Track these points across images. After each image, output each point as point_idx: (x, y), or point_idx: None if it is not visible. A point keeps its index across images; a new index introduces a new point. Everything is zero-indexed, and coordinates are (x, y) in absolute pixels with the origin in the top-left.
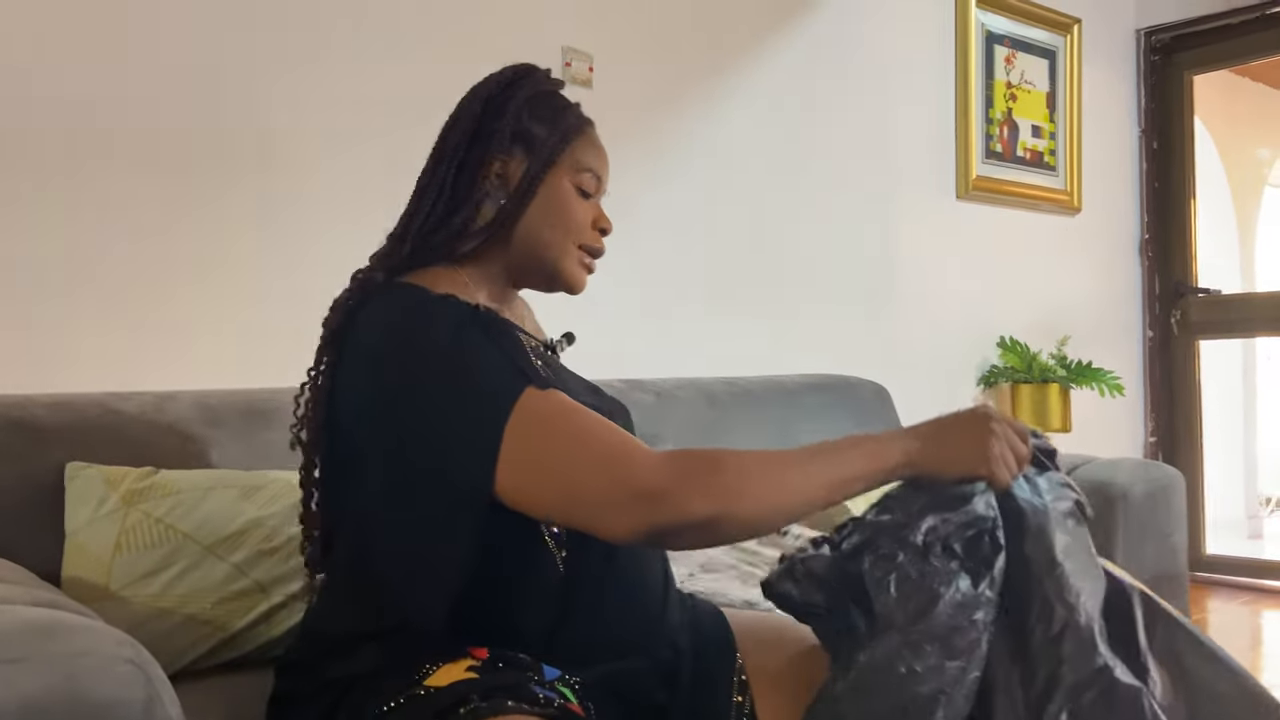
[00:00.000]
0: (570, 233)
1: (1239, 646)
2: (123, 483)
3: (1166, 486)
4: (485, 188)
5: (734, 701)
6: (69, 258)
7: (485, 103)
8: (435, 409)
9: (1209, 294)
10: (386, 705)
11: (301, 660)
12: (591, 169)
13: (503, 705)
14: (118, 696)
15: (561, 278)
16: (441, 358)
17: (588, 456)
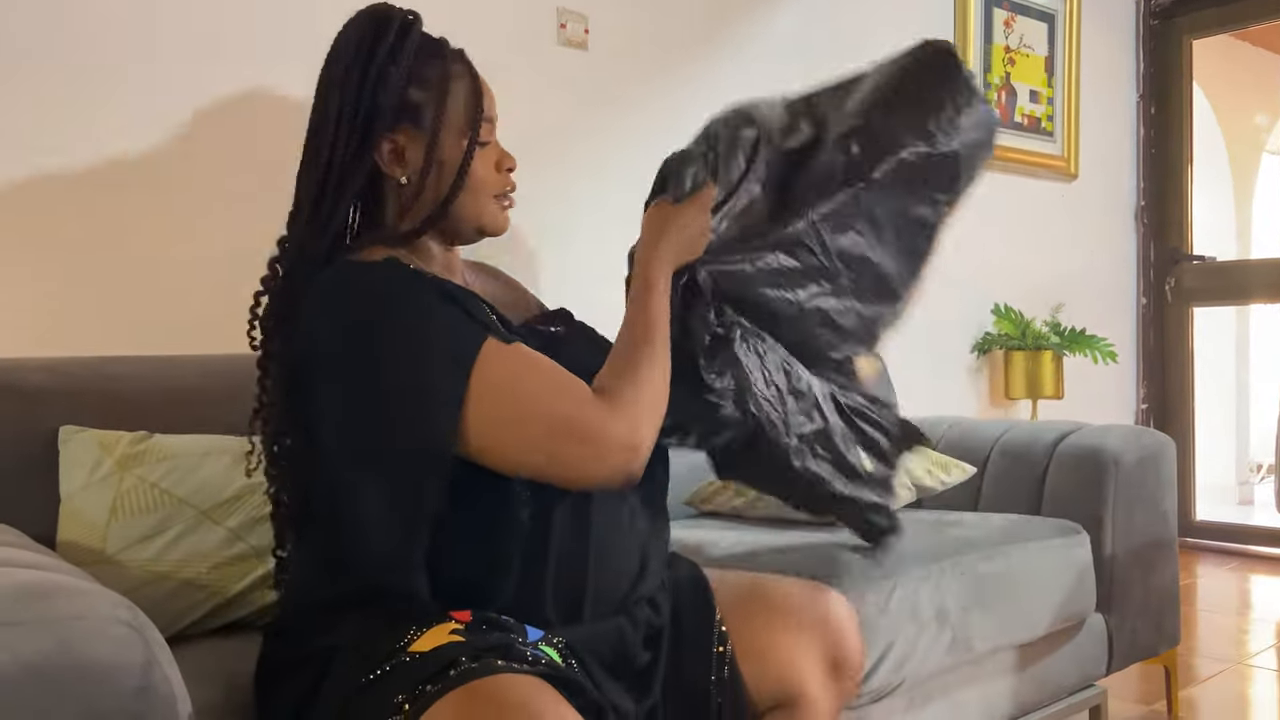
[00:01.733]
0: (482, 192)
1: (1227, 611)
2: (117, 447)
3: (1157, 453)
4: (385, 172)
5: (715, 652)
6: (61, 217)
7: (349, 75)
8: (396, 371)
9: (1204, 261)
10: (373, 673)
11: (286, 629)
12: (480, 115)
13: (493, 665)
14: (115, 659)
15: (488, 231)
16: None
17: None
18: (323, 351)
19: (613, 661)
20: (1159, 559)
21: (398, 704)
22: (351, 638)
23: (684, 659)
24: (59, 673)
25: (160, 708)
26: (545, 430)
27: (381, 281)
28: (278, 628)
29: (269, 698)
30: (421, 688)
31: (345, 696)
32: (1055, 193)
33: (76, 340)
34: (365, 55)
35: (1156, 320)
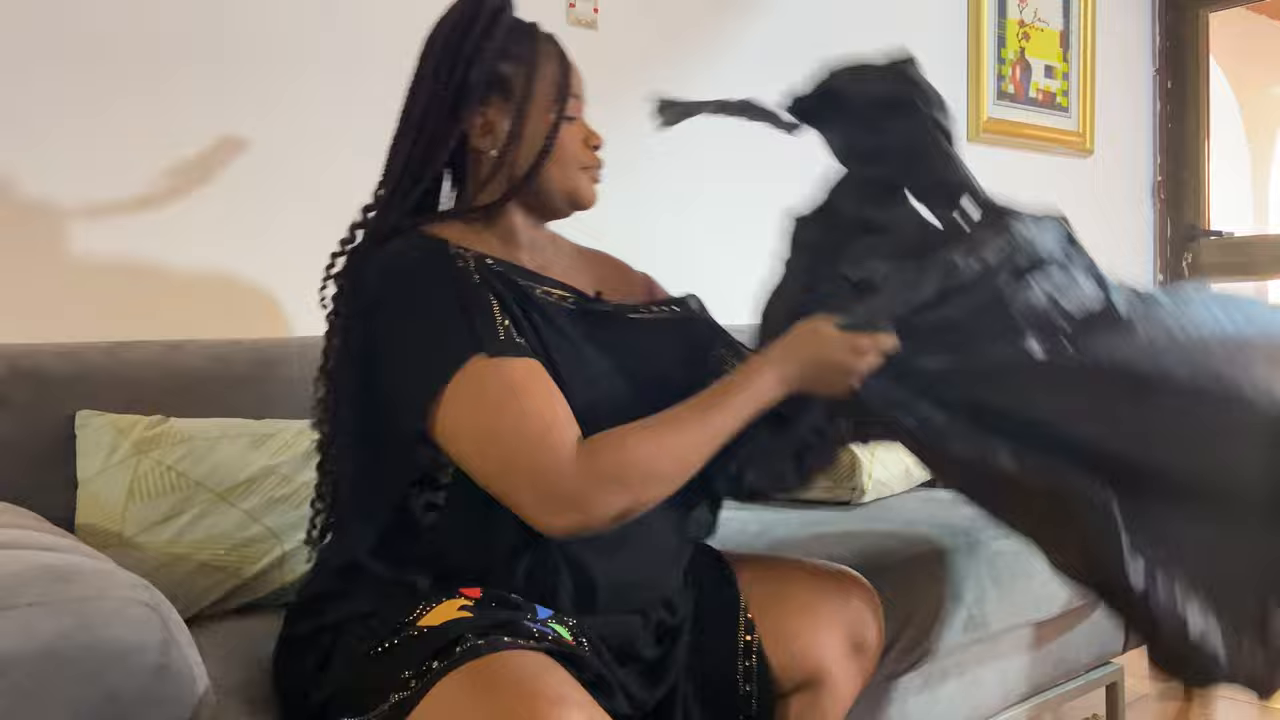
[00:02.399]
0: (570, 164)
1: None
2: (133, 431)
3: None
4: (473, 145)
5: (742, 640)
6: (76, 207)
7: (445, 52)
8: (396, 350)
9: (1222, 236)
10: (381, 646)
11: (302, 603)
12: (569, 93)
13: (500, 642)
14: (134, 639)
15: (578, 204)
16: (408, 310)
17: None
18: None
19: (620, 650)
20: None
21: (404, 679)
22: (361, 611)
23: (709, 647)
24: (79, 653)
25: (179, 687)
26: (499, 463)
27: (410, 262)
28: (296, 604)
29: (284, 672)
30: (428, 664)
31: (353, 669)
32: (1070, 169)
33: (88, 325)
34: (460, 33)
35: None
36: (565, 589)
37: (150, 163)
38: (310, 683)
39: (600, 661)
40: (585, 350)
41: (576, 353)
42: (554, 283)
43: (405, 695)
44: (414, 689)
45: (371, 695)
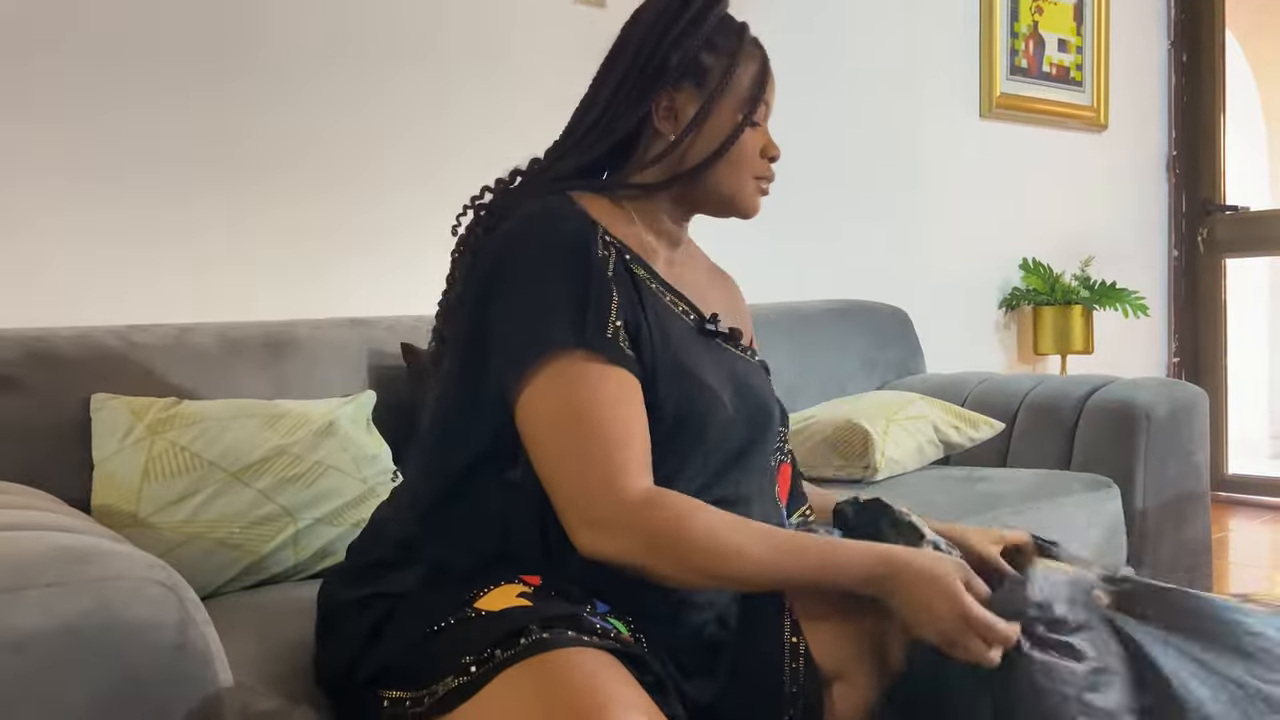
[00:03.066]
0: (744, 168)
1: (1260, 564)
2: (147, 413)
3: (1189, 405)
4: (652, 124)
5: (790, 642)
6: (87, 191)
7: (650, 30)
8: (510, 307)
9: (1237, 211)
10: (435, 625)
11: (353, 568)
12: (761, 98)
13: (564, 637)
14: (152, 618)
15: (738, 209)
16: (535, 271)
17: (578, 455)
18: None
19: (672, 651)
20: (1191, 512)
21: (464, 664)
22: (416, 586)
23: (755, 649)
24: (97, 632)
25: (198, 665)
26: (559, 457)
27: (555, 227)
28: (343, 569)
29: (327, 640)
30: (490, 651)
31: (407, 645)
32: (1085, 144)
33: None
34: (671, 16)
35: (1188, 272)
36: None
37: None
38: (359, 652)
39: (658, 662)
40: (705, 360)
41: (699, 359)
42: (679, 295)
43: (465, 680)
44: (475, 675)
45: (426, 674)
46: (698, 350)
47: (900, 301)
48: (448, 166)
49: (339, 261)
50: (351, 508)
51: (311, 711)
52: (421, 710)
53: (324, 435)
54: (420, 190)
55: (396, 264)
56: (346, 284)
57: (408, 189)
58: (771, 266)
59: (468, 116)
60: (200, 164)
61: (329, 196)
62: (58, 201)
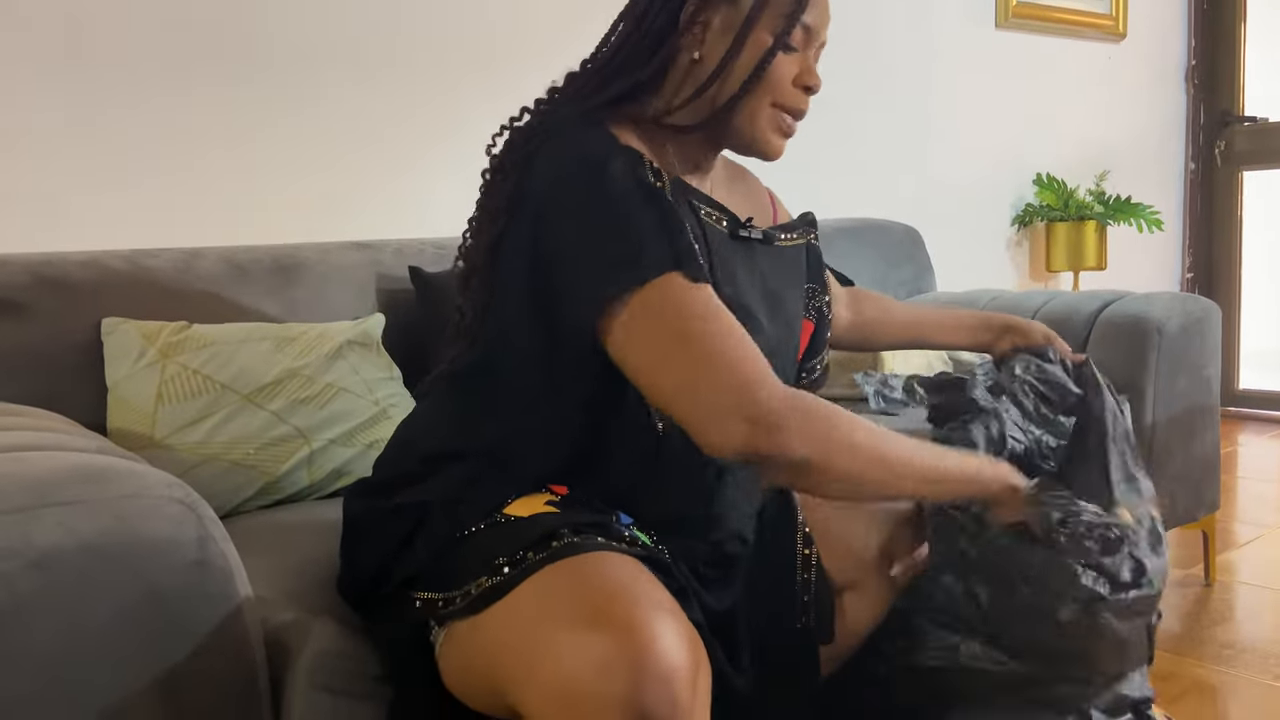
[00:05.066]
0: (764, 93)
1: (1268, 478)
2: (158, 336)
3: (1202, 319)
4: (682, 40)
5: (802, 553)
6: (92, 117)
7: None
8: (579, 241)
9: (1255, 122)
10: (467, 530)
11: (378, 483)
12: (801, 20)
13: (594, 542)
14: (171, 535)
15: (753, 144)
16: (605, 202)
17: (712, 366)
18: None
19: (691, 562)
20: (1200, 426)
21: (497, 565)
22: (445, 494)
23: (770, 560)
24: (118, 549)
25: (218, 581)
26: (689, 373)
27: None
28: (369, 482)
29: (356, 549)
30: (523, 553)
31: (439, 549)
32: (1101, 54)
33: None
34: None
35: (1205, 185)
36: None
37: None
38: (391, 558)
39: (678, 567)
40: (740, 279)
41: (737, 275)
42: (715, 204)
43: (499, 580)
44: (507, 575)
45: (459, 575)
46: (734, 263)
47: (912, 219)
48: (456, 90)
49: (344, 185)
50: (364, 429)
51: (331, 623)
52: (453, 610)
53: (334, 358)
54: (426, 113)
55: (402, 188)
56: (351, 208)
57: (414, 112)
58: (782, 186)
59: (480, 40)
60: (204, 86)
61: (333, 121)
62: (60, 126)
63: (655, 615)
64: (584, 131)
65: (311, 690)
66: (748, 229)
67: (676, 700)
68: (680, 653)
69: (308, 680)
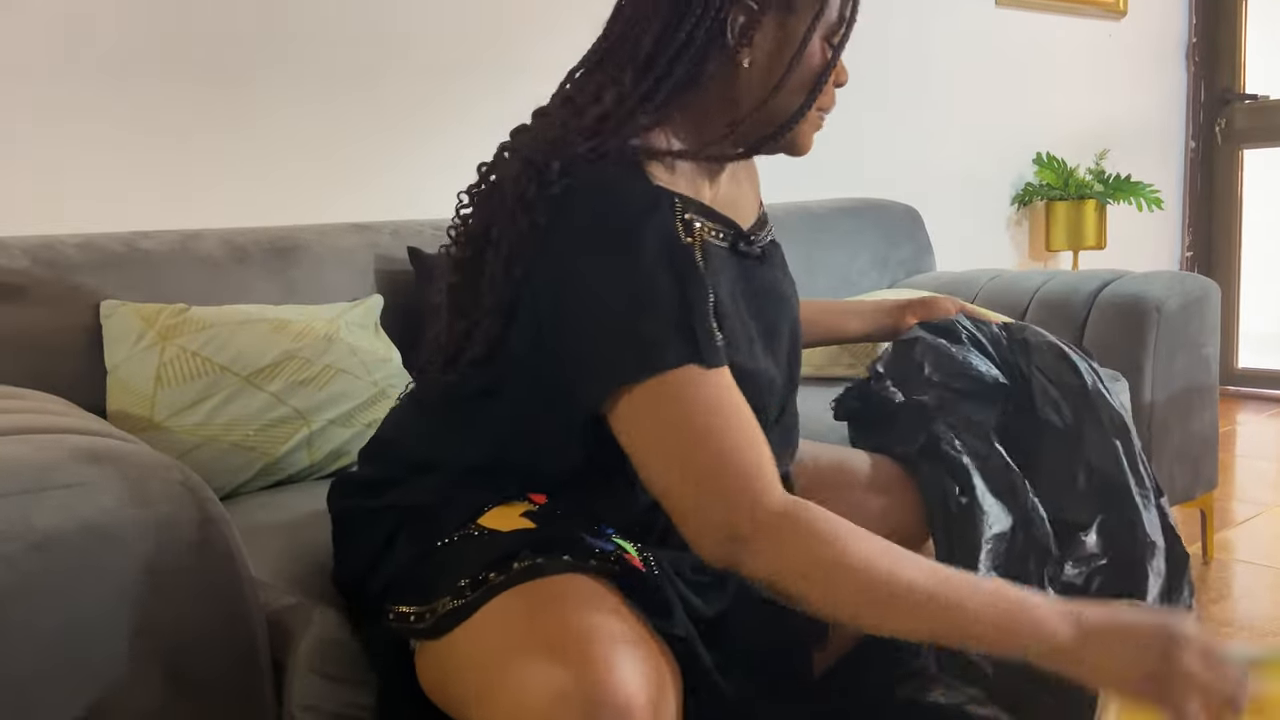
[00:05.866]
0: (809, 94)
1: (1266, 456)
2: (157, 319)
3: (1201, 298)
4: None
5: None
6: (90, 98)
7: None
8: (599, 314)
9: (1256, 100)
10: (442, 540)
11: (361, 483)
12: (846, 19)
13: (558, 563)
14: (172, 516)
15: (793, 148)
16: (632, 276)
17: (709, 472)
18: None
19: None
20: (1199, 405)
21: (460, 587)
22: (424, 500)
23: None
24: (119, 531)
25: (218, 562)
26: (682, 474)
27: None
28: (354, 479)
29: (343, 550)
30: (484, 574)
31: (415, 558)
32: (1102, 32)
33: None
34: None
35: (1205, 164)
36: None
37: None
38: (370, 565)
39: (663, 578)
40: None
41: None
42: (719, 217)
43: (460, 603)
44: (469, 599)
45: (429, 590)
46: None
47: (911, 199)
48: (453, 71)
49: (340, 167)
50: (363, 410)
51: (331, 610)
52: (424, 627)
53: (332, 339)
54: (423, 94)
55: (399, 169)
56: (349, 190)
57: (411, 93)
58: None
59: (477, 19)
60: (200, 67)
61: (330, 102)
62: (58, 108)
63: (610, 648)
64: (620, 176)
65: (312, 675)
66: (749, 245)
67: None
68: (635, 685)
69: (308, 665)
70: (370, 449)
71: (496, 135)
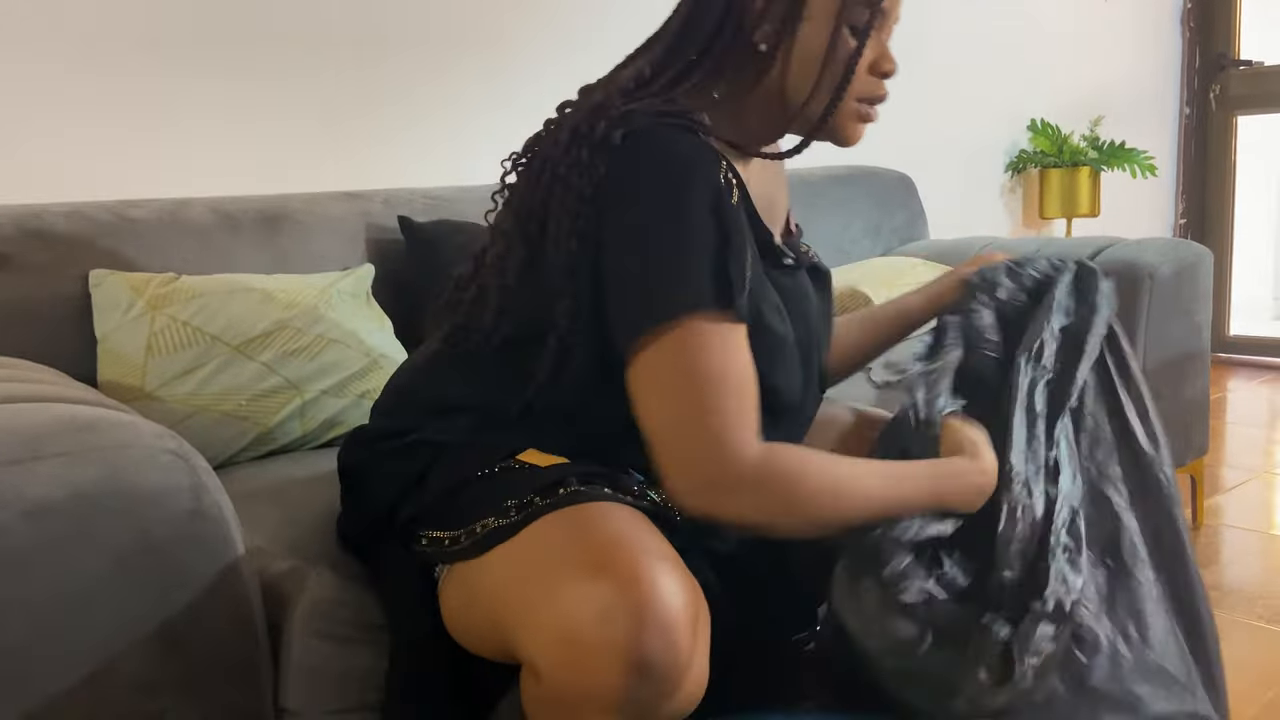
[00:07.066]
0: (838, 86)
1: (1257, 423)
2: (146, 288)
3: (1194, 264)
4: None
5: None
6: (77, 66)
7: None
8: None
9: (1251, 66)
10: (480, 471)
11: (383, 431)
12: (880, 7)
13: (601, 492)
14: (165, 484)
15: (830, 135)
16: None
17: (695, 420)
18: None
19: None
20: (1190, 371)
21: (506, 508)
22: (462, 438)
23: None
24: (112, 500)
25: (212, 529)
26: (671, 426)
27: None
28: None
29: (361, 490)
30: (531, 498)
31: (451, 487)
32: None
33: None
34: None
35: (1199, 130)
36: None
37: None
38: (401, 495)
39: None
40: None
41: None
42: (758, 218)
43: (505, 522)
44: (514, 518)
45: (467, 514)
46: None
47: (905, 166)
48: (445, 41)
49: (331, 136)
50: (356, 380)
51: (328, 572)
52: (459, 549)
53: (324, 309)
54: (415, 63)
55: (390, 137)
56: (340, 159)
57: (403, 62)
58: None
59: None
60: (188, 36)
61: (320, 70)
62: (41, 76)
63: (656, 564)
64: (673, 128)
65: (309, 637)
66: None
67: (677, 647)
68: (680, 601)
69: (305, 628)
70: (383, 403)
71: (489, 105)
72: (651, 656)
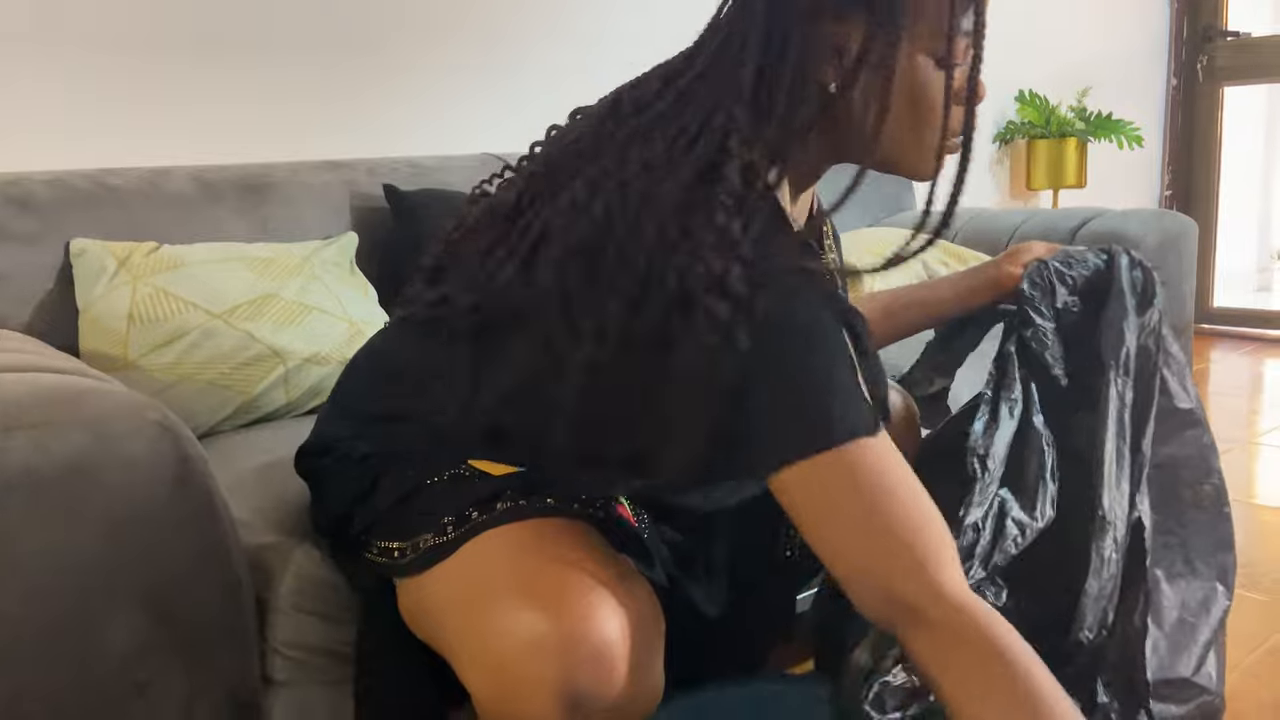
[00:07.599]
0: (932, 129)
1: (1240, 394)
2: (129, 257)
3: (1178, 235)
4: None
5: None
6: (56, 34)
7: None
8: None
9: (1239, 37)
10: (430, 479)
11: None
12: (966, 31)
13: (541, 505)
14: (149, 454)
15: (911, 171)
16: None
17: (890, 545)
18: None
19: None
20: None
21: (443, 524)
22: (411, 445)
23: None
24: (97, 470)
25: (198, 500)
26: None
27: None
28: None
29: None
30: (469, 511)
31: (402, 496)
32: None
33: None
34: None
35: (1186, 101)
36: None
37: None
38: (356, 500)
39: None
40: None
41: None
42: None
43: (442, 540)
44: (450, 536)
45: (415, 526)
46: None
47: None
48: (430, 10)
49: (315, 104)
50: (340, 348)
51: (312, 548)
52: (405, 562)
53: (308, 278)
54: (400, 34)
55: (374, 109)
56: (323, 129)
57: (388, 32)
58: None
59: None
60: (171, 4)
61: (304, 40)
62: (19, 40)
63: (591, 592)
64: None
65: (294, 613)
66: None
67: (610, 678)
68: (615, 628)
69: (290, 603)
70: (335, 411)
71: (473, 75)
72: (584, 689)
